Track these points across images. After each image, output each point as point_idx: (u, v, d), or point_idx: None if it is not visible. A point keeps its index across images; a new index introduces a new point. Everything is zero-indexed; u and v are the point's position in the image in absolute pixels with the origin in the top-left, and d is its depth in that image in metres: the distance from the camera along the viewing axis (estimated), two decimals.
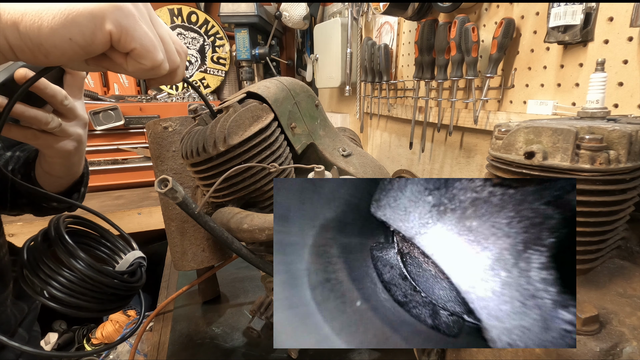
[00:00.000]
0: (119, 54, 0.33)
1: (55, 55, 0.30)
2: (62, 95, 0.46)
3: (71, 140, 0.52)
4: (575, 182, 0.32)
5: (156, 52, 0.34)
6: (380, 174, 0.64)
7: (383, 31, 1.24)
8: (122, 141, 1.56)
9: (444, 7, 0.82)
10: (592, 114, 0.40)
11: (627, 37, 0.54)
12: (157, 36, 0.34)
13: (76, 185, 0.62)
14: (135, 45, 0.32)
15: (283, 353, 0.65)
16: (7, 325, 0.56)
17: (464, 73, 0.80)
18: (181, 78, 0.40)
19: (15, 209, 0.64)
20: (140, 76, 0.36)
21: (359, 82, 1.35)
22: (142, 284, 0.54)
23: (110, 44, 0.32)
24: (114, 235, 0.56)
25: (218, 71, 2.09)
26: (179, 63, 0.38)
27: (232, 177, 0.50)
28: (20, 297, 0.60)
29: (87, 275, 0.44)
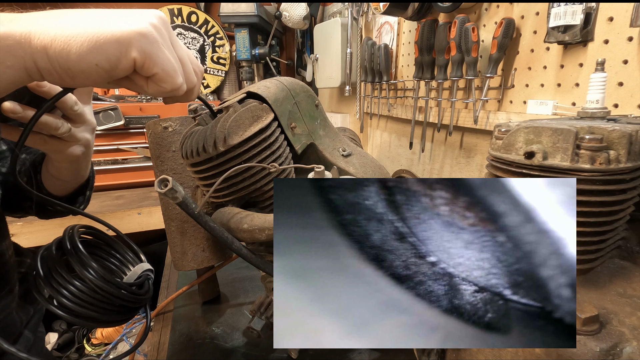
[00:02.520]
0: (140, 77, 0.34)
1: (81, 78, 0.31)
2: (72, 100, 0.47)
3: (79, 145, 0.52)
4: (575, 182, 0.32)
5: (177, 76, 0.35)
6: (380, 174, 0.64)
7: (383, 31, 1.24)
8: (122, 141, 1.56)
9: (444, 7, 0.82)
10: (592, 114, 0.40)
11: (627, 37, 0.54)
12: (178, 60, 0.36)
13: (82, 189, 0.62)
14: (157, 70, 0.33)
15: (283, 353, 0.65)
16: (12, 327, 0.56)
17: (464, 73, 0.80)
18: (196, 96, 0.41)
19: (20, 211, 0.64)
20: (159, 96, 0.38)
21: (359, 82, 1.35)
22: (150, 296, 0.54)
23: (134, 68, 0.33)
24: (123, 247, 0.56)
25: (218, 71, 2.09)
26: (195, 83, 0.40)
27: (232, 177, 0.50)
28: (25, 299, 0.60)
29: (97, 286, 0.45)
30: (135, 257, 0.56)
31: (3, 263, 0.55)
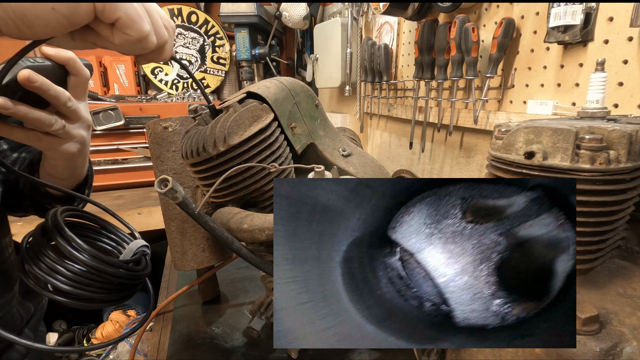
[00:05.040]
0: (104, 26, 0.33)
1: (39, 26, 0.30)
2: (66, 96, 0.46)
3: (75, 142, 0.51)
4: (575, 182, 0.32)
5: (142, 22, 0.34)
6: (380, 174, 0.64)
7: (383, 31, 1.24)
8: (122, 141, 1.56)
9: (444, 7, 0.82)
10: (592, 114, 0.40)
11: (627, 37, 0.54)
12: (143, 8, 0.35)
13: (80, 188, 0.62)
14: (119, 14, 0.32)
15: (283, 353, 0.65)
16: (13, 325, 0.56)
17: (464, 73, 0.80)
18: (170, 54, 0.40)
19: (20, 210, 0.64)
20: (128, 50, 0.36)
21: (359, 82, 1.35)
22: (148, 272, 0.53)
23: (95, 14, 0.32)
24: (115, 226, 0.56)
25: (218, 71, 2.09)
26: (166, 38, 0.38)
27: (232, 177, 0.50)
28: (26, 297, 0.60)
29: (91, 266, 0.44)
30: (129, 236, 0.56)
31: (4, 260, 0.55)
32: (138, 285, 0.53)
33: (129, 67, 1.89)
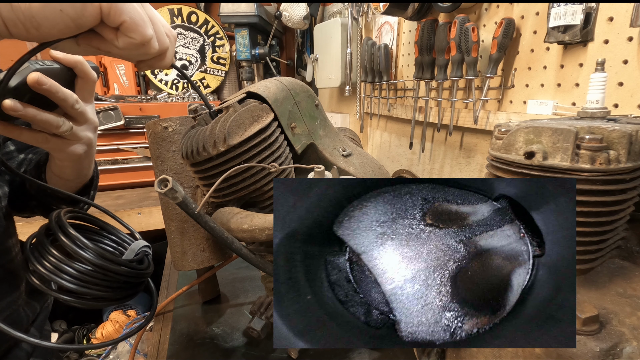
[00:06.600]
0: (109, 30, 0.34)
1: (46, 27, 0.31)
2: (73, 99, 0.46)
3: (81, 144, 0.52)
4: (575, 182, 0.32)
5: (145, 26, 0.35)
6: (380, 174, 0.64)
7: (383, 31, 1.24)
8: (122, 141, 1.56)
9: (444, 7, 0.82)
10: (592, 114, 0.40)
11: (627, 37, 0.54)
12: (147, 15, 0.36)
13: (85, 189, 0.62)
14: (125, 17, 0.33)
15: (283, 353, 0.65)
16: (19, 323, 0.57)
17: (464, 73, 0.80)
18: (170, 62, 0.41)
19: (26, 210, 0.64)
20: (131, 55, 0.37)
21: (359, 82, 1.35)
22: (151, 271, 0.54)
23: (101, 18, 0.32)
24: (116, 228, 0.56)
25: (218, 71, 2.09)
26: (168, 44, 0.39)
27: (232, 177, 0.50)
28: (32, 296, 0.61)
29: (96, 265, 0.44)
30: (130, 237, 0.56)
31: (10, 260, 0.55)
32: (141, 284, 0.53)
33: (129, 67, 1.89)
